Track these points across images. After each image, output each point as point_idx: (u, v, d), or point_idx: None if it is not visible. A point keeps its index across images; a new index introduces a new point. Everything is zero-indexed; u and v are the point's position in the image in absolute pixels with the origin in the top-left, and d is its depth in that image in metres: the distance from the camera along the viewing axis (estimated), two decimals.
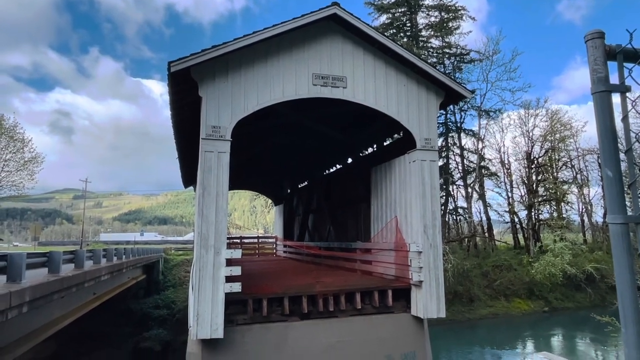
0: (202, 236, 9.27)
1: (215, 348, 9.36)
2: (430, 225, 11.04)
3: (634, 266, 1.16)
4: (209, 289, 9.04)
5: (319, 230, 20.97)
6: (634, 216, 1.18)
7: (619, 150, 1.20)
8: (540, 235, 38.76)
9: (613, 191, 1.18)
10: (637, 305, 1.13)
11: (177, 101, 10.37)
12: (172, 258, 31.73)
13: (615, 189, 1.18)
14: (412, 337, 11.13)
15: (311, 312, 10.51)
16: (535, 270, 31.63)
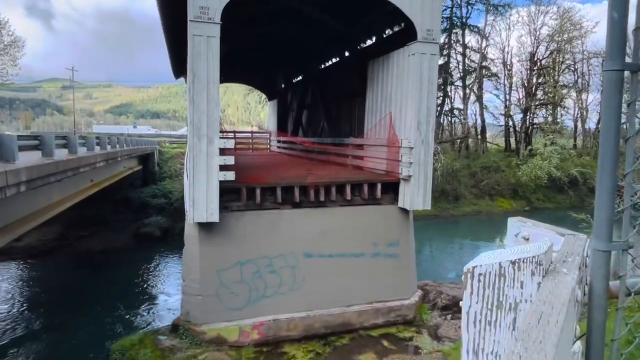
0: (194, 125, 9.21)
1: (211, 231, 9.90)
2: (424, 121, 11.00)
3: (620, 115, 1.14)
4: (203, 177, 9.26)
5: (313, 126, 20.91)
6: (632, 64, 1.13)
7: None
8: (532, 139, 39.14)
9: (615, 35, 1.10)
10: (616, 152, 1.13)
11: None
12: (166, 151, 31.96)
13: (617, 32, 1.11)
14: (398, 227, 11.80)
15: (303, 202, 10.95)
16: (522, 172, 32.57)
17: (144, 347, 9.67)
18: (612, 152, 1.14)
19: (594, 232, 1.18)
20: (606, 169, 1.16)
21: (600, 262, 1.19)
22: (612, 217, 1.17)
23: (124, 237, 23.15)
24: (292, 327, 10.45)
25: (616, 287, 1.22)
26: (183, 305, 10.42)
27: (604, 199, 1.17)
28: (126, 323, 13.16)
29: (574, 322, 1.14)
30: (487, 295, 1.21)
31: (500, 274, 1.19)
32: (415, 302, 11.80)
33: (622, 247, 1.18)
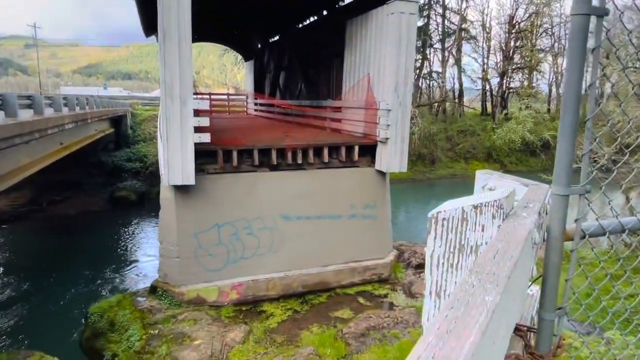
0: (166, 85, 8.91)
1: (187, 194, 9.81)
2: (402, 83, 10.95)
3: (584, 60, 1.14)
4: (177, 139, 9.06)
5: (291, 88, 20.54)
6: (598, 7, 1.13)
7: None
8: (508, 103, 39.63)
9: None
10: (578, 98, 1.14)
11: None
12: (139, 113, 30.99)
13: None
14: (374, 189, 11.96)
15: (280, 164, 10.92)
16: (497, 136, 33.17)
17: (123, 308, 9.73)
18: (574, 100, 1.16)
19: (554, 177, 1.22)
20: (568, 116, 1.18)
21: (559, 205, 1.23)
22: (571, 163, 1.20)
23: (99, 202, 22.77)
24: (270, 287, 10.67)
25: (572, 229, 1.27)
26: (161, 268, 10.46)
27: (565, 145, 1.19)
28: (103, 287, 13.18)
29: (531, 262, 1.19)
30: (450, 239, 1.25)
31: (462, 218, 1.22)
32: (391, 261, 12.16)
33: (580, 192, 1.22)
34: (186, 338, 8.67)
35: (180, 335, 8.76)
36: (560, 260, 1.25)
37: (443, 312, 0.65)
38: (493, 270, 0.81)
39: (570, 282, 1.30)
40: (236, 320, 9.61)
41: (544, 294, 1.27)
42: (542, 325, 1.30)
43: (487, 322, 0.62)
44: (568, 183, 1.21)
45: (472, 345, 0.55)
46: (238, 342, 8.67)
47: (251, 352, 8.36)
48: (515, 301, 0.94)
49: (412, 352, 0.54)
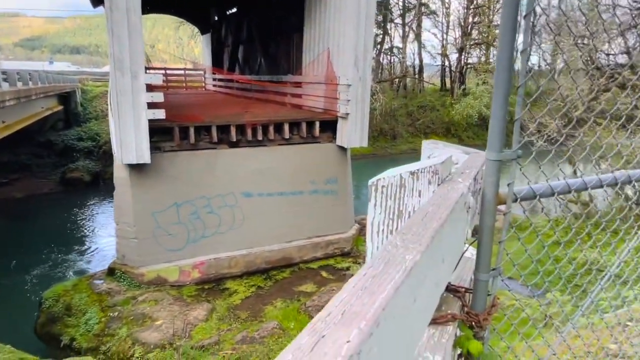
0: (115, 58, 8.46)
1: (143, 172, 9.49)
2: (362, 57, 10.91)
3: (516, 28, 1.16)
4: (129, 115, 8.69)
5: (250, 63, 20.03)
6: None
7: None
8: (466, 79, 40.50)
9: None
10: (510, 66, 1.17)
11: None
12: (90, 89, 29.33)
13: None
14: (336, 165, 12.02)
15: (240, 141, 10.73)
16: (455, 111, 33.97)
17: (79, 292, 9.44)
18: (506, 68, 1.18)
19: (488, 144, 1.25)
20: (500, 84, 1.21)
21: (492, 170, 1.27)
22: (504, 129, 1.24)
23: (50, 184, 21.66)
24: (233, 265, 10.64)
25: (505, 193, 1.32)
26: (118, 249, 10.16)
27: (497, 110, 1.23)
28: (58, 271, 12.69)
29: (464, 226, 1.23)
30: (389, 206, 1.27)
31: (401, 184, 1.24)
32: (353, 235, 12.39)
33: (512, 157, 1.26)
34: (147, 319, 8.55)
35: (141, 317, 8.63)
36: (494, 222, 1.31)
37: (362, 270, 0.66)
38: (419, 231, 0.83)
39: (504, 244, 1.36)
40: (199, 299, 9.56)
41: (479, 255, 1.32)
42: (477, 286, 1.36)
43: (403, 279, 0.63)
44: (501, 148, 1.25)
45: (384, 300, 0.56)
46: (201, 320, 8.65)
47: (214, 329, 8.37)
48: (445, 262, 0.97)
49: (324, 310, 0.55)
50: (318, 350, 0.46)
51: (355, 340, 0.48)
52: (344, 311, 0.54)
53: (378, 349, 0.53)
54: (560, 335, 1.70)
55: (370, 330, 0.50)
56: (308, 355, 0.45)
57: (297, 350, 0.46)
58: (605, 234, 2.14)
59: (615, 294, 3.04)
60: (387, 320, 0.56)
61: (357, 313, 0.53)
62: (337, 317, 0.53)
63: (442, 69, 41.69)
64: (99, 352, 7.99)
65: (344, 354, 0.45)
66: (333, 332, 0.49)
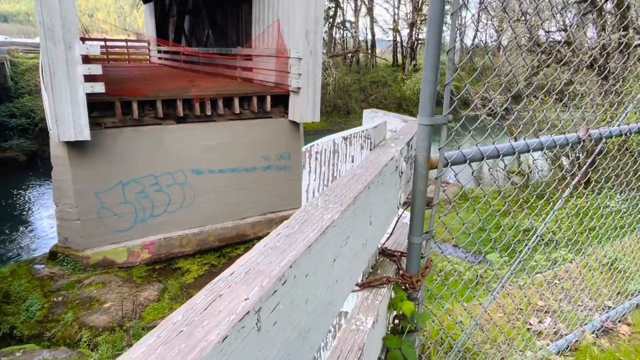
0: (45, 26, 7.78)
1: (83, 151, 8.95)
2: (313, 30, 10.73)
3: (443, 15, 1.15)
4: (65, 88, 8.09)
5: (197, 34, 19.17)
6: None
7: None
8: (417, 55, 41.09)
9: None
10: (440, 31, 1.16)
11: None
12: (21, 61, 26.98)
13: None
14: (288, 140, 11.92)
15: (188, 116, 10.33)
16: (406, 87, 34.54)
17: (18, 278, 8.90)
18: (435, 31, 1.18)
19: (419, 109, 1.26)
20: (430, 46, 1.21)
21: (423, 135, 1.28)
22: (435, 94, 1.25)
23: None
24: (185, 243, 10.41)
25: (436, 158, 1.35)
26: (60, 232, 9.62)
27: (428, 75, 1.23)
28: None
29: (396, 190, 1.24)
30: (324, 172, 1.25)
31: (334, 150, 1.22)
32: None
33: (442, 121, 1.28)
34: (94, 302, 8.25)
35: (87, 300, 8.30)
36: (425, 186, 1.33)
37: (276, 230, 0.64)
38: (342, 192, 0.82)
39: (436, 208, 1.40)
40: (149, 280, 9.32)
41: (412, 219, 1.35)
42: (411, 249, 1.40)
43: (317, 237, 0.61)
44: (432, 113, 1.26)
45: (292, 258, 0.55)
46: (152, 300, 8.46)
47: (167, 309, 8.23)
48: (372, 224, 0.98)
49: (227, 269, 0.52)
50: (212, 310, 0.43)
51: (254, 297, 0.46)
52: (249, 269, 0.52)
53: (285, 307, 0.52)
54: (492, 294, 1.80)
55: (273, 287, 0.49)
56: (200, 314, 0.43)
57: (189, 310, 0.44)
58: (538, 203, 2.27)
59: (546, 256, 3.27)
60: (296, 278, 0.54)
61: (262, 271, 0.51)
62: (240, 275, 0.50)
63: (394, 44, 42.00)
64: (42, 338, 7.64)
65: (240, 312, 0.43)
66: (232, 291, 0.47)
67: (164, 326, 0.41)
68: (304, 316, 0.58)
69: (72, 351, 6.88)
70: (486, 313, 1.82)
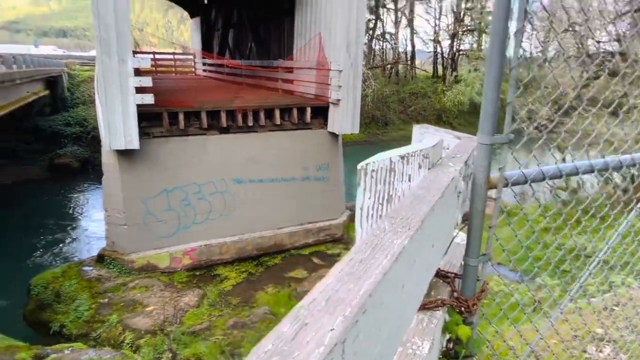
0: (102, 41, 8.26)
1: (131, 159, 9.37)
2: (354, 42, 10.80)
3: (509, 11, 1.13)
4: (117, 100, 8.52)
5: (240, 48, 19.75)
6: None
7: None
8: (458, 66, 40.40)
9: None
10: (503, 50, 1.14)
11: None
12: (77, 73, 28.73)
13: None
14: (327, 151, 11.98)
15: (230, 127, 10.61)
16: (447, 98, 33.95)
17: (69, 278, 9.37)
18: (499, 48, 1.15)
19: (479, 127, 1.23)
20: (492, 68, 1.18)
21: (483, 154, 1.25)
22: (496, 113, 1.21)
23: (38, 170, 21.31)
24: (224, 251, 10.62)
25: (496, 177, 1.31)
26: (108, 236, 10.07)
27: (490, 95, 1.20)
28: (46, 258, 12.58)
29: (454, 210, 1.21)
30: (379, 190, 1.24)
31: (390, 169, 1.21)
32: (344, 221, 12.42)
33: (503, 141, 1.24)
34: (138, 305, 8.54)
35: (131, 303, 8.61)
36: (484, 207, 1.29)
37: (349, 255, 0.64)
38: (408, 215, 0.81)
39: (494, 230, 1.35)
40: (190, 285, 9.55)
41: (469, 240, 1.31)
42: (467, 271, 1.35)
43: (391, 264, 0.61)
44: (492, 132, 1.23)
45: (371, 286, 0.54)
46: (192, 306, 8.65)
47: (206, 315, 8.39)
48: (435, 247, 0.95)
49: (307, 296, 0.52)
50: (300, 339, 0.43)
51: (339, 328, 0.45)
52: (329, 297, 0.51)
53: (364, 336, 0.51)
54: (549, 320, 1.71)
55: (355, 317, 0.48)
56: (289, 344, 0.43)
57: (277, 339, 0.44)
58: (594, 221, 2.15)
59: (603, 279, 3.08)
60: (374, 306, 0.54)
61: (342, 300, 0.51)
62: (321, 303, 0.50)
63: (435, 55, 41.50)
64: (89, 338, 7.98)
65: (328, 343, 0.43)
66: (316, 320, 0.47)
67: (257, 354, 0.41)
68: (378, 344, 0.57)
69: (116, 352, 7.14)
70: (542, 340, 1.73)
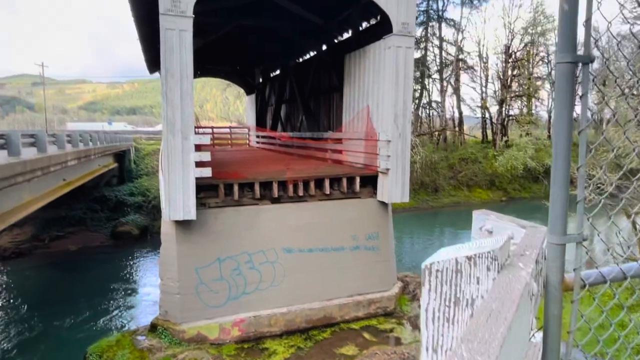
0: (168, 121, 9.03)
1: (188, 228, 9.76)
2: (401, 114, 11.05)
3: (573, 108, 1.13)
4: (179, 173, 9.10)
5: (292, 121, 20.80)
6: (583, 56, 1.13)
7: None
8: (508, 131, 39.86)
9: (566, 27, 1.10)
10: (569, 145, 1.13)
11: None
12: (143, 147, 31.31)
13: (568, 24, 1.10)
14: (377, 220, 11.86)
15: (281, 197, 10.89)
16: (499, 163, 33.17)
17: (122, 348, 9.50)
18: (564, 146, 1.14)
19: (549, 225, 1.18)
20: (559, 163, 1.16)
21: (555, 254, 1.19)
22: (566, 211, 1.17)
23: (101, 237, 22.66)
24: (273, 323, 10.42)
25: (571, 279, 1.23)
26: (161, 305, 10.26)
27: (558, 192, 1.17)
28: (104, 324, 12.92)
29: (529, 316, 1.14)
30: (445, 292, 1.20)
31: (456, 270, 1.17)
32: (396, 293, 11.91)
33: (577, 240, 1.18)
34: None
35: None
36: (561, 311, 1.20)
37: None
38: (485, 338, 0.77)
39: (573, 335, 1.25)
40: (238, 359, 9.34)
41: (546, 349, 1.21)
42: None
43: None
44: (564, 231, 1.18)
45: None
46: None
47: None
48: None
49: None
50: None
51: None
52: None
53: None
54: None
55: None
56: None
57: None
58: None
59: None
60: None
61: None
62: None
63: (483, 121, 41.38)
64: None
65: None
66: None
67: None
68: None
69: None
70: None
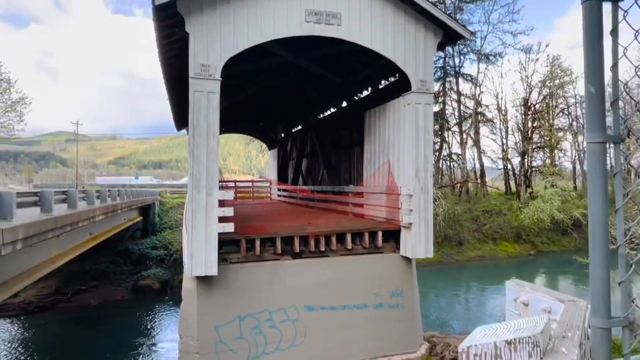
0: (194, 177, 9.27)
1: (209, 284, 9.68)
2: (422, 169, 11.07)
3: (607, 186, 1.12)
4: (202, 229, 9.18)
5: (313, 175, 21.06)
6: (613, 135, 1.13)
7: (603, 66, 1.13)
8: (532, 182, 39.26)
9: (594, 108, 1.12)
10: (606, 224, 1.11)
11: (163, 38, 9.92)
12: (167, 201, 32.01)
13: (596, 106, 1.12)
14: (400, 276, 11.53)
15: (303, 252, 10.78)
16: (524, 215, 32.36)
17: None
18: (601, 226, 1.12)
19: (591, 308, 1.14)
20: (597, 243, 1.13)
21: (601, 339, 1.13)
22: (609, 293, 1.12)
23: (123, 291, 22.66)
24: None
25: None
26: None
27: (598, 273, 1.13)
28: None
29: None
30: None
31: (496, 354, 1.13)
32: (422, 355, 11.30)
33: (622, 324, 1.12)
34: None
35: None
36: None
37: None
38: None
39: None
40: None
41: None
42: None
43: None
44: (608, 314, 1.13)
45: None
46: None
47: None
48: None
49: None
50: None
51: None
52: None
53: None
54: None
55: None
56: None
57: None
58: None
59: None
60: None
61: None
62: None
63: (505, 172, 41.00)
64: None
65: None
66: None
67: None
68: None
69: None
70: None
